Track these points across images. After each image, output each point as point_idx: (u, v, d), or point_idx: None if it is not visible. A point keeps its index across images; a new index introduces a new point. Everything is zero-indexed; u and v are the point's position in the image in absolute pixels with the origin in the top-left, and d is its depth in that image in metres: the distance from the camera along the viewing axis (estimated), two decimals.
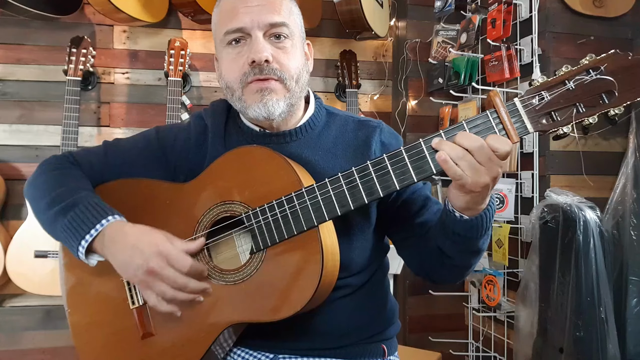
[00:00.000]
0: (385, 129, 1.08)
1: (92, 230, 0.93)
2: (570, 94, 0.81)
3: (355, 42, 2.71)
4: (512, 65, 2.04)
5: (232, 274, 0.95)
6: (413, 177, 0.85)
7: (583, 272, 1.71)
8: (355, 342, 1.05)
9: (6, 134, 2.35)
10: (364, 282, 1.07)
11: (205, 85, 2.56)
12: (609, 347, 1.69)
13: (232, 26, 0.97)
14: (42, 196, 1.01)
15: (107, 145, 1.13)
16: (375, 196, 0.87)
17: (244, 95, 0.99)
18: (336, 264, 0.94)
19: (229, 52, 0.99)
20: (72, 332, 1.07)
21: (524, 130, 0.82)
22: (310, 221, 0.89)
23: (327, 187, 0.89)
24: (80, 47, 2.22)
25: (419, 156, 0.84)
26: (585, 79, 0.80)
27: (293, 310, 0.90)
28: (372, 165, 0.87)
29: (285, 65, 0.97)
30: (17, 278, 2.12)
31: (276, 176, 0.93)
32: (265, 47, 0.96)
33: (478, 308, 2.39)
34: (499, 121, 0.82)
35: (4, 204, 2.28)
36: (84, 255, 0.94)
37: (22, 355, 2.37)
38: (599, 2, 2.01)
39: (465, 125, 0.83)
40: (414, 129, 2.64)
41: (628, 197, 1.88)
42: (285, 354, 1.03)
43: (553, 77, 0.82)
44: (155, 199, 1.04)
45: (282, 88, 0.98)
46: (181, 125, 1.12)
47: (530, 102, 0.81)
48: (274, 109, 0.97)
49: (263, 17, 0.96)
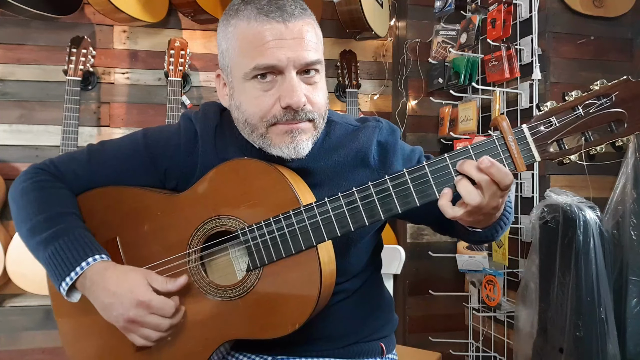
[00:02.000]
0: (384, 129, 1.03)
1: (72, 273, 0.90)
2: (579, 122, 0.78)
3: (355, 42, 2.71)
4: (512, 65, 2.04)
5: (229, 290, 0.94)
6: (416, 201, 0.83)
7: (583, 272, 1.71)
8: (354, 342, 1.05)
9: (6, 134, 2.35)
10: (361, 285, 1.06)
11: (205, 85, 2.56)
12: (609, 347, 1.69)
13: (262, 62, 0.86)
14: (23, 221, 0.97)
15: (92, 151, 1.06)
16: (376, 219, 0.85)
17: (268, 134, 0.91)
18: (333, 278, 0.93)
19: (255, 87, 0.89)
20: (62, 343, 1.06)
21: (530, 158, 0.80)
22: (309, 241, 0.88)
23: (326, 207, 0.86)
24: (80, 47, 2.22)
25: (422, 179, 0.83)
26: (595, 106, 0.78)
27: (292, 329, 0.89)
28: (373, 186, 0.84)
29: (317, 104, 0.91)
30: (17, 278, 2.12)
31: (272, 191, 0.91)
32: (301, 89, 0.87)
33: (478, 308, 2.39)
34: (505, 148, 0.80)
35: (4, 204, 2.28)
36: (65, 295, 0.92)
37: (22, 355, 2.37)
38: (599, 2, 2.01)
39: (471, 150, 0.81)
40: (414, 129, 2.64)
41: (628, 197, 1.88)
42: (283, 355, 1.03)
43: (562, 103, 0.80)
44: (146, 210, 1.01)
45: (311, 127, 0.92)
46: (171, 129, 1.06)
47: (539, 129, 0.79)
48: (303, 150, 0.91)
49: (300, 54, 0.86)
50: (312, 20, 0.91)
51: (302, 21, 0.88)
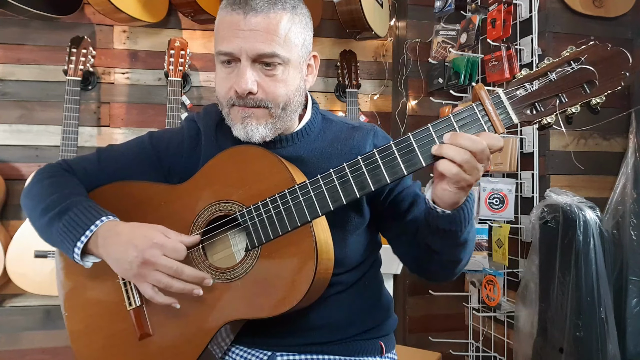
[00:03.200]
0: (379, 133, 1.09)
1: (87, 232, 0.94)
2: (553, 85, 0.83)
3: (355, 42, 2.71)
4: (512, 65, 2.04)
5: (228, 272, 0.96)
6: (403, 170, 0.86)
7: (583, 272, 1.71)
8: (352, 336, 1.06)
9: (6, 134, 2.35)
10: (358, 278, 1.08)
11: (205, 85, 2.56)
12: (609, 347, 1.69)
13: (222, 48, 0.95)
14: (37, 204, 1.02)
15: (101, 151, 1.14)
16: (367, 190, 0.87)
17: (230, 113, 1.00)
18: (330, 259, 0.94)
19: (221, 69, 0.98)
20: (70, 336, 1.08)
21: (509, 121, 0.84)
22: (303, 217, 0.90)
23: (319, 183, 0.90)
24: (80, 47, 2.22)
25: (408, 149, 0.86)
26: (567, 70, 0.83)
27: (289, 306, 0.90)
28: (362, 159, 0.87)
29: (271, 93, 0.96)
30: (17, 278, 2.12)
31: (269, 174, 0.95)
32: (250, 78, 0.94)
33: (478, 308, 2.39)
34: (484, 113, 0.84)
35: (4, 204, 2.28)
36: (80, 256, 0.95)
37: (22, 355, 2.37)
38: (599, 2, 2.01)
39: (453, 118, 0.85)
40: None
41: (628, 197, 1.88)
42: (282, 351, 1.03)
43: (535, 69, 0.85)
44: (150, 201, 1.05)
45: (266, 114, 0.97)
46: (174, 130, 1.14)
47: (514, 93, 0.84)
48: (253, 134, 0.98)
49: (253, 45, 0.93)
50: (283, 15, 0.94)
51: (265, 15, 0.93)
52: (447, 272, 1.04)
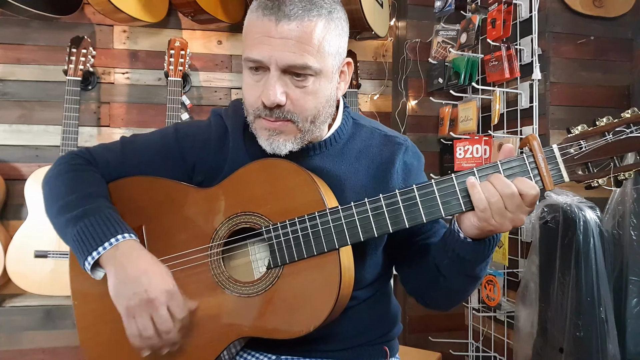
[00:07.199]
0: (410, 148, 1.05)
1: (101, 247, 0.91)
2: (609, 147, 0.79)
3: (355, 42, 2.71)
4: (512, 65, 2.04)
5: (247, 286, 0.94)
6: (441, 212, 0.84)
7: (583, 272, 1.71)
8: (358, 344, 1.05)
9: (6, 134, 2.35)
10: (371, 295, 1.07)
11: (205, 85, 2.56)
12: (609, 347, 1.69)
13: (251, 55, 0.89)
14: (55, 200, 1.00)
15: (124, 142, 1.09)
16: (401, 226, 0.86)
17: (254, 124, 0.95)
18: (351, 284, 0.93)
19: (248, 75, 0.93)
20: (77, 326, 1.06)
21: (559, 179, 0.81)
22: (331, 243, 0.88)
23: (351, 211, 0.88)
24: (80, 47, 2.22)
25: (450, 190, 0.83)
26: (626, 133, 0.79)
27: (305, 331, 0.89)
28: (400, 194, 0.85)
29: (301, 106, 0.91)
30: (17, 278, 2.12)
31: (300, 192, 0.92)
32: (279, 90, 0.88)
33: (478, 308, 2.39)
34: (534, 166, 0.81)
35: (4, 204, 2.28)
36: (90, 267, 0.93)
37: (22, 355, 2.37)
38: (599, 2, 2.01)
39: (500, 165, 0.82)
40: (414, 129, 2.64)
41: (628, 197, 1.88)
42: (287, 354, 1.03)
43: (593, 127, 0.81)
44: (173, 201, 1.02)
45: (294, 130, 0.93)
46: (201, 124, 1.08)
47: (568, 150, 0.81)
48: (280, 150, 0.93)
49: (284, 55, 0.87)
50: (318, 22, 0.89)
51: (298, 22, 0.87)
52: (448, 301, 1.02)
